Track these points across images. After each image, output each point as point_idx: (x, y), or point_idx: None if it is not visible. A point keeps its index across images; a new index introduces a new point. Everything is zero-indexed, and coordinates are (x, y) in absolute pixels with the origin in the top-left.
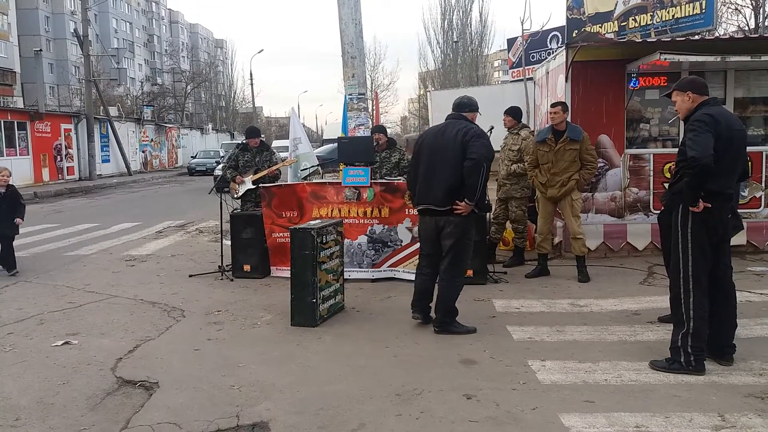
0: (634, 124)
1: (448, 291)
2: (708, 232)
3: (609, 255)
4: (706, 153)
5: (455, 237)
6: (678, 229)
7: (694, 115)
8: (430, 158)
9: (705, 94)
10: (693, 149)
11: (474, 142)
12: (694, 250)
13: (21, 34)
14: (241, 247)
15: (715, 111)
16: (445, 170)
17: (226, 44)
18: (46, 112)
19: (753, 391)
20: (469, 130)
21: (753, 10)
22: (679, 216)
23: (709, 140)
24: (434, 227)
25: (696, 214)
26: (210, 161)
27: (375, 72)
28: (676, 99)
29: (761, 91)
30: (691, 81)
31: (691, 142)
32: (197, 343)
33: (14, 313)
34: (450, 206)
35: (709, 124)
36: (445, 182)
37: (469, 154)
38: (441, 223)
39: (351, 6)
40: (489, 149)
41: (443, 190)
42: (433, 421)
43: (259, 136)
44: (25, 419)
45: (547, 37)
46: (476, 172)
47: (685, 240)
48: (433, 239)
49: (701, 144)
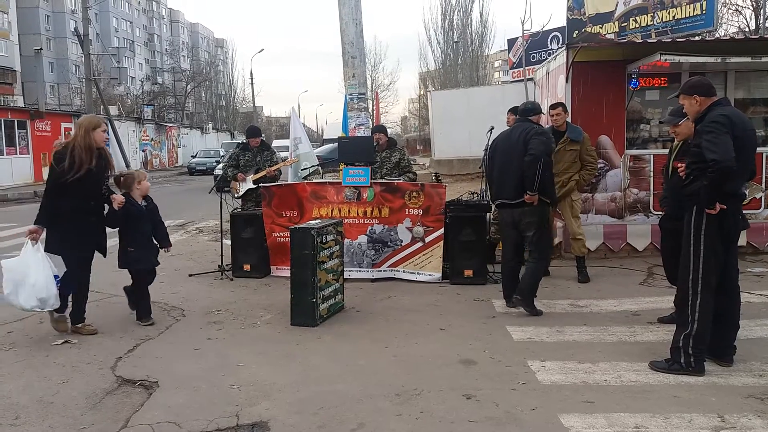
0: (634, 124)
1: (535, 272)
2: (722, 233)
3: (609, 255)
4: (729, 156)
5: (534, 226)
6: (691, 231)
7: (709, 116)
8: (502, 159)
9: (713, 95)
10: (714, 152)
11: (533, 139)
12: (707, 252)
13: (21, 33)
14: (241, 247)
15: (729, 111)
16: (514, 168)
17: (227, 44)
18: (46, 111)
19: (753, 392)
20: (530, 129)
21: (753, 11)
22: (692, 218)
23: (728, 142)
24: (511, 219)
25: (711, 217)
26: (210, 161)
27: (375, 72)
28: (684, 102)
29: (761, 92)
30: (696, 83)
31: (711, 145)
32: (197, 343)
33: (14, 312)
34: (521, 199)
35: (726, 126)
36: (514, 178)
37: (529, 150)
38: (516, 215)
39: (351, 6)
40: (547, 145)
41: (513, 186)
42: (432, 421)
43: (260, 136)
44: (25, 418)
45: (547, 37)
46: (533, 165)
47: (698, 242)
48: (510, 230)
49: (721, 146)
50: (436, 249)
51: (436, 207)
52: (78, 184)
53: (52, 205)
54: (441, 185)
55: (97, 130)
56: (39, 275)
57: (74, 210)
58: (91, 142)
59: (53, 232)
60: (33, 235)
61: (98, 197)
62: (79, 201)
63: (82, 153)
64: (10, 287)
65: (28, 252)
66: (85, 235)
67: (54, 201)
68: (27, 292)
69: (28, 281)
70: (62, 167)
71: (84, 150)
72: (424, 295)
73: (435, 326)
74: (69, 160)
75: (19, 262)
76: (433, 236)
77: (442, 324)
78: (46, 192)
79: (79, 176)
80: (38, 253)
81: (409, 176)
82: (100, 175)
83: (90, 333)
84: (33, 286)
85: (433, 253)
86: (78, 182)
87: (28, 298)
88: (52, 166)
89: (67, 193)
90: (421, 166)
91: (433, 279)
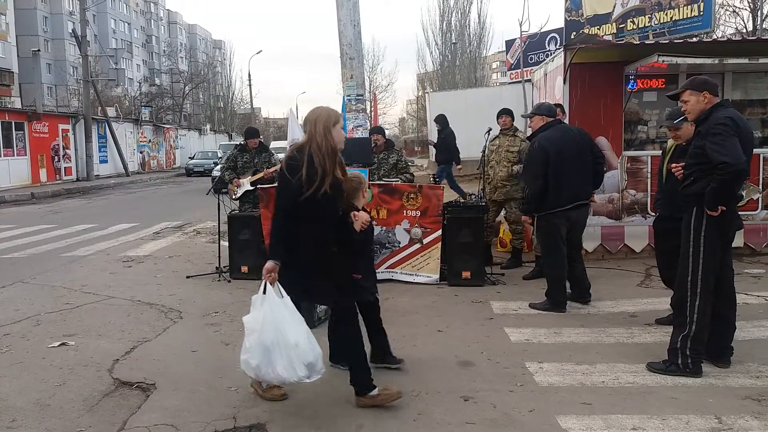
0: (631, 126)
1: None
2: (721, 234)
3: (606, 257)
4: (739, 158)
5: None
6: (691, 232)
7: (714, 118)
8: (577, 162)
9: (718, 96)
10: (724, 155)
11: (595, 143)
12: (706, 253)
13: (19, 34)
14: (239, 249)
15: (733, 114)
16: (589, 169)
17: (225, 45)
18: (43, 113)
19: (750, 393)
20: (583, 131)
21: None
22: (692, 219)
23: (737, 144)
24: (575, 220)
25: (711, 218)
26: (208, 162)
27: (373, 73)
28: (690, 99)
29: (758, 93)
30: (706, 81)
31: (720, 147)
32: (194, 345)
33: (11, 314)
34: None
35: (733, 128)
36: (589, 179)
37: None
38: (582, 215)
39: (350, 7)
40: None
41: (590, 183)
42: (430, 422)
43: (258, 137)
44: (22, 420)
45: (545, 38)
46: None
47: (698, 243)
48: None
49: (731, 149)
50: (434, 250)
51: (433, 208)
52: (316, 201)
53: (288, 233)
54: (439, 186)
55: (336, 126)
56: (299, 332)
57: (313, 237)
58: (333, 145)
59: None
60: (272, 275)
61: (337, 218)
62: (319, 225)
63: (325, 160)
64: (259, 355)
65: (274, 301)
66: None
67: (289, 227)
68: (288, 358)
69: (286, 341)
70: (299, 179)
71: (327, 155)
72: (422, 297)
73: (433, 328)
74: (307, 169)
75: (265, 316)
76: (431, 238)
77: (440, 325)
78: (276, 214)
79: (323, 191)
80: (286, 300)
81: (407, 177)
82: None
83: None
84: (295, 347)
85: (430, 254)
86: (312, 199)
87: (291, 367)
88: (282, 179)
89: (302, 215)
90: (419, 167)
91: (431, 280)
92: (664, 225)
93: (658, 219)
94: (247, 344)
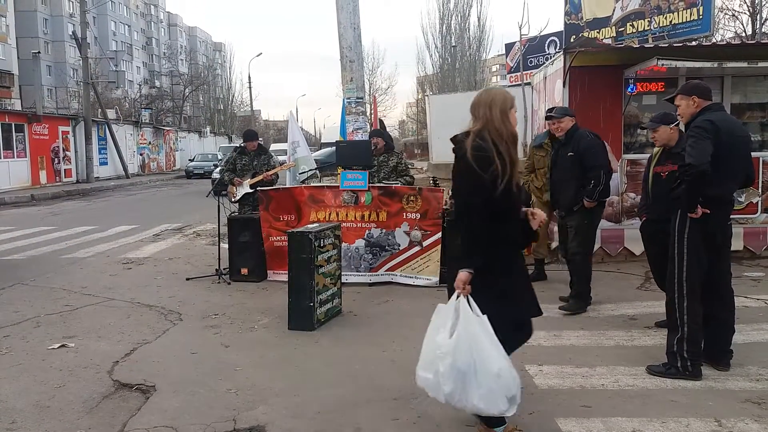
0: (631, 129)
1: None
2: (705, 238)
3: (606, 260)
4: (703, 160)
5: None
6: (675, 234)
7: (695, 121)
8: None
9: (709, 99)
10: (690, 155)
11: None
12: (689, 256)
13: (19, 36)
14: (239, 251)
15: (716, 117)
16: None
17: (225, 47)
18: (43, 115)
19: (750, 396)
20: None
21: (750, 17)
22: (676, 222)
23: (707, 147)
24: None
25: (694, 221)
26: (208, 164)
27: (373, 76)
28: (680, 103)
29: (758, 96)
30: (696, 85)
31: (690, 149)
32: (194, 347)
33: (11, 316)
34: None
35: (708, 131)
36: None
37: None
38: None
39: (350, 10)
40: None
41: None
42: (429, 425)
43: (258, 140)
44: (21, 422)
45: (545, 42)
46: None
47: (681, 246)
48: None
49: (699, 151)
50: (434, 253)
51: (433, 211)
52: (507, 195)
53: (488, 235)
54: (439, 189)
55: (512, 109)
56: (500, 359)
57: (507, 238)
58: (513, 130)
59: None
60: (467, 287)
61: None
62: (512, 223)
63: (509, 147)
64: (452, 381)
65: (469, 319)
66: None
67: (489, 227)
68: (488, 389)
69: (487, 370)
70: (493, 172)
71: (510, 143)
72: (422, 300)
73: None
74: (500, 159)
75: (460, 336)
76: (430, 240)
77: None
78: (472, 214)
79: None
80: (483, 320)
81: (407, 179)
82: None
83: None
84: (497, 377)
85: (430, 257)
86: (507, 193)
87: (491, 399)
88: (471, 173)
89: (497, 213)
90: (419, 170)
91: (431, 283)
92: (652, 228)
93: (645, 223)
94: (441, 368)
